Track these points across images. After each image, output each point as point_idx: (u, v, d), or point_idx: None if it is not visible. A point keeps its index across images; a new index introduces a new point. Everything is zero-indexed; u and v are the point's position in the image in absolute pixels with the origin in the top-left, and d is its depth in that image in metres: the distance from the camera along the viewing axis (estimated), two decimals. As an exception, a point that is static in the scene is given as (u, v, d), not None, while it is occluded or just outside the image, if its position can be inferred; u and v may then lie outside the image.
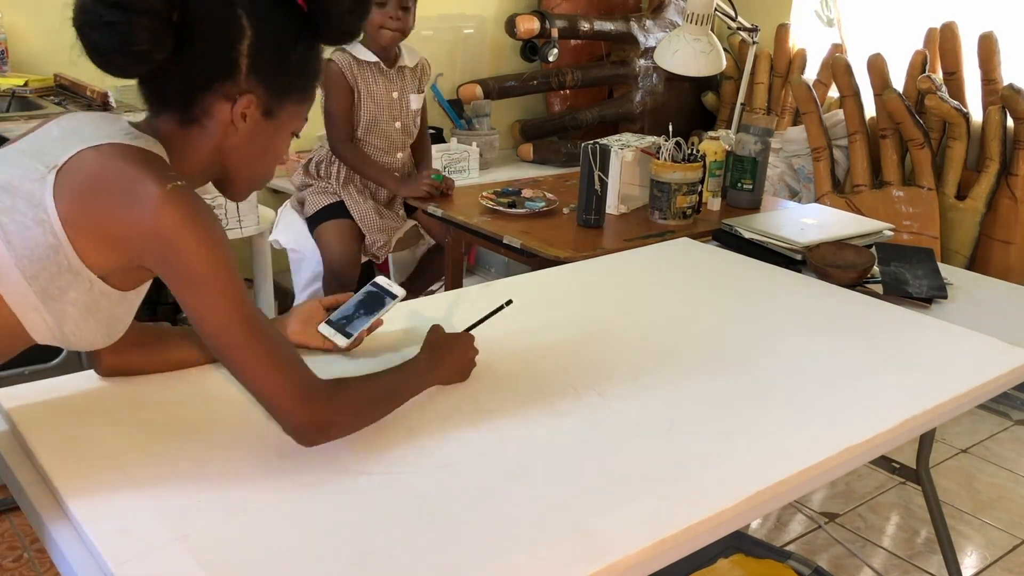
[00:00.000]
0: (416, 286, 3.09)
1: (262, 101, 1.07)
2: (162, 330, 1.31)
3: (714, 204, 2.53)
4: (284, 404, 1.02)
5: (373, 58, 2.67)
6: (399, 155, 2.84)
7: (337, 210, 2.77)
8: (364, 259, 2.85)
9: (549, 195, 2.54)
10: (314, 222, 2.80)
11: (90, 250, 0.99)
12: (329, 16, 1.08)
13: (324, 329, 1.32)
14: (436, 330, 1.31)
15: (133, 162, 0.99)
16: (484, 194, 2.50)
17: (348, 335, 1.32)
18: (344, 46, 2.64)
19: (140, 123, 1.09)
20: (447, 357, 1.26)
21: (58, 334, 1.03)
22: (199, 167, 1.10)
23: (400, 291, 1.37)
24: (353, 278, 2.72)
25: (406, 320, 1.49)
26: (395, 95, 2.75)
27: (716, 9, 2.78)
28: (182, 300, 1.00)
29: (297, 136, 1.16)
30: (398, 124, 2.79)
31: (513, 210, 2.42)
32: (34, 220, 0.97)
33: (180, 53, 1.01)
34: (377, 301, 1.36)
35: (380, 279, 1.38)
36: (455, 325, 1.40)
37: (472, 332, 1.33)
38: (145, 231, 0.97)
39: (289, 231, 2.88)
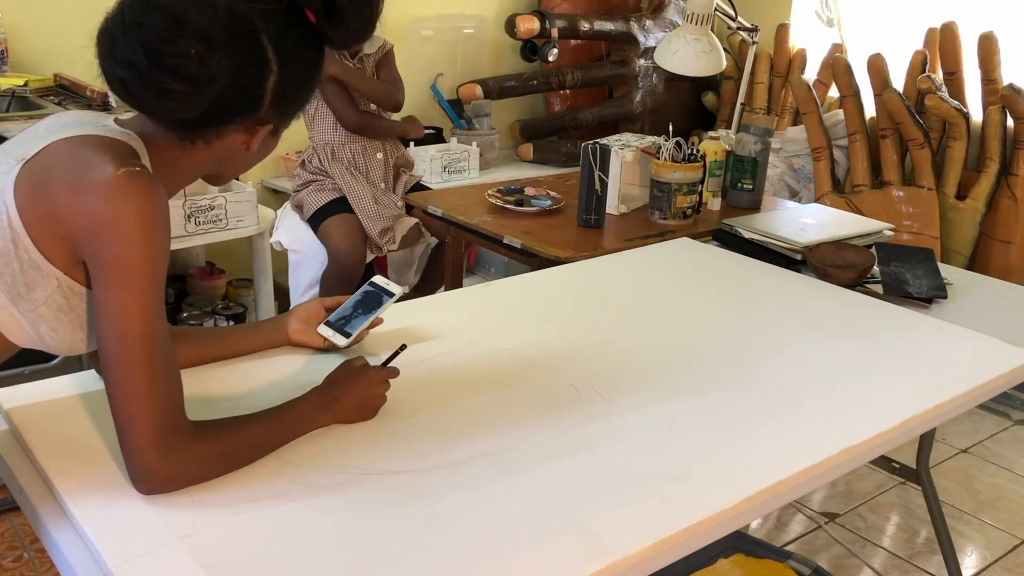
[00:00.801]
0: (427, 287, 3.10)
1: (274, 123, 1.07)
2: (176, 331, 1.30)
3: (714, 204, 2.53)
4: (136, 441, 0.94)
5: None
6: (378, 155, 2.94)
7: (339, 206, 2.79)
8: (369, 257, 2.86)
9: (553, 193, 2.55)
10: (317, 220, 2.81)
11: (46, 242, 0.96)
12: (340, 30, 1.05)
13: (323, 330, 1.34)
14: (345, 365, 1.19)
15: (94, 148, 0.97)
16: (490, 192, 2.51)
17: (347, 334, 1.33)
18: None
19: (129, 120, 1.06)
20: (344, 395, 1.14)
21: (35, 337, 1.01)
22: (186, 172, 1.09)
23: (398, 289, 1.37)
24: (357, 274, 2.74)
25: (410, 318, 1.49)
26: None
27: (716, 9, 2.78)
28: (96, 292, 0.95)
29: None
30: (373, 106, 2.90)
31: (521, 208, 2.43)
32: None
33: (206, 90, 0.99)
34: (375, 300, 1.37)
35: (377, 278, 1.40)
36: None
37: (383, 366, 1.21)
38: (86, 215, 0.93)
39: (291, 232, 2.89)
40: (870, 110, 3.38)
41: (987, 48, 3.17)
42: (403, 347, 1.25)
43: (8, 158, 1.00)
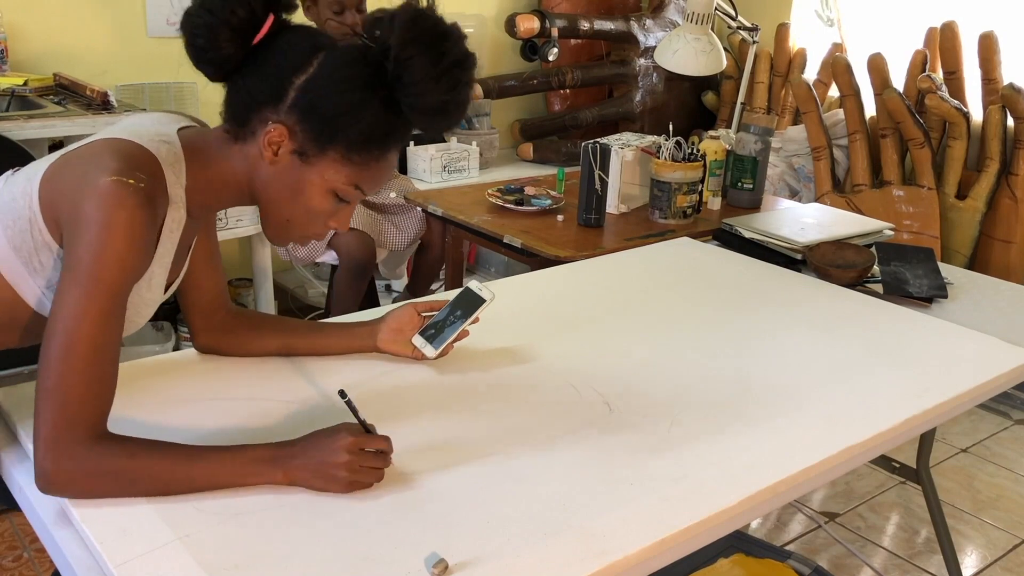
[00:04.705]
0: (417, 287, 3.10)
1: (298, 140, 1.04)
2: (257, 319, 1.35)
3: (714, 203, 2.53)
4: (36, 435, 0.94)
5: None
6: None
7: None
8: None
9: (553, 193, 2.55)
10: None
11: (54, 228, 1.02)
12: (406, 83, 1.01)
13: (416, 340, 1.32)
14: (326, 429, 1.02)
15: (112, 153, 1.00)
16: (490, 191, 2.51)
17: (436, 347, 1.31)
18: None
19: (191, 127, 1.12)
20: (301, 454, 1.00)
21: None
22: (230, 184, 1.10)
23: (489, 295, 1.34)
24: (370, 272, 2.72)
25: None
26: None
27: (716, 8, 2.78)
28: (59, 280, 0.97)
29: (344, 200, 1.09)
30: None
31: (521, 207, 2.43)
32: (22, 193, 1.04)
33: (248, 69, 1.04)
34: (468, 307, 1.33)
35: (472, 284, 1.36)
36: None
37: (363, 429, 1.02)
38: (69, 212, 0.98)
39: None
40: (870, 110, 3.38)
41: (987, 48, 3.17)
42: (342, 393, 1.05)
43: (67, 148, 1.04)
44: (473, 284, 1.36)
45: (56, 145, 2.62)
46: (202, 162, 1.08)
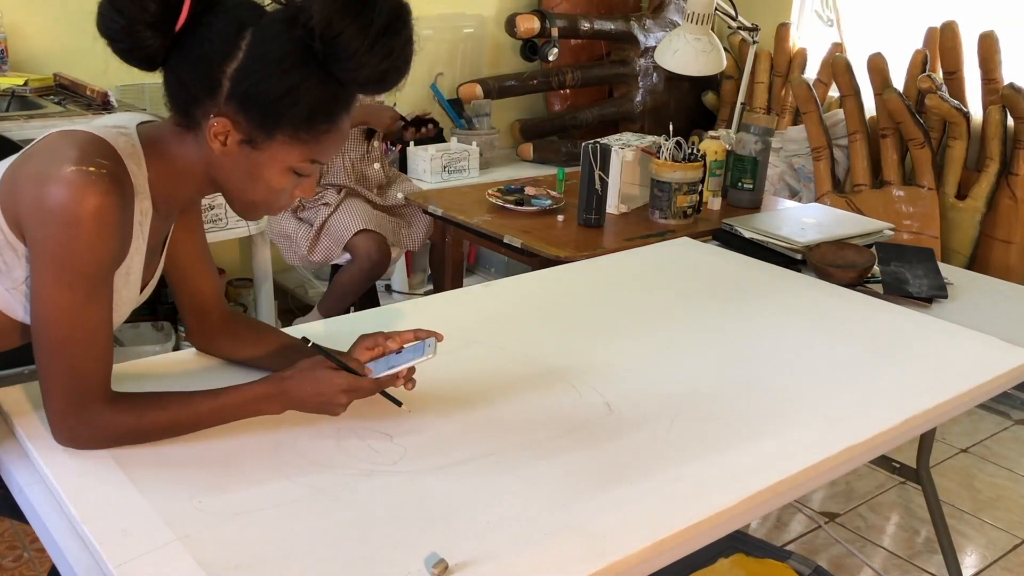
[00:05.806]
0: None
1: (243, 129, 1.02)
2: (261, 325, 1.33)
3: (714, 204, 2.53)
4: (48, 410, 1.03)
5: None
6: (376, 165, 2.93)
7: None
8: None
9: (553, 193, 2.55)
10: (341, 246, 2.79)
11: (14, 226, 1.01)
12: (338, 59, 0.98)
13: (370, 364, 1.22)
14: (305, 361, 1.12)
15: (69, 143, 0.99)
16: (490, 191, 2.51)
17: (378, 372, 1.21)
18: None
19: (151, 122, 1.11)
20: (297, 389, 1.10)
21: (22, 314, 1.06)
22: (190, 173, 1.08)
23: (432, 353, 1.20)
24: (385, 268, 2.76)
25: (410, 318, 1.49)
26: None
27: (716, 8, 2.78)
28: (31, 274, 0.99)
29: (300, 175, 1.07)
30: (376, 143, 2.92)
31: (521, 207, 2.43)
32: None
33: (179, 59, 1.02)
34: (414, 355, 1.21)
35: (429, 340, 1.24)
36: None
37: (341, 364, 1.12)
38: (32, 205, 0.97)
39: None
40: (870, 109, 3.38)
41: (987, 47, 3.17)
42: (304, 340, 1.17)
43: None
44: (430, 340, 1.23)
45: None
46: (160, 153, 1.07)
